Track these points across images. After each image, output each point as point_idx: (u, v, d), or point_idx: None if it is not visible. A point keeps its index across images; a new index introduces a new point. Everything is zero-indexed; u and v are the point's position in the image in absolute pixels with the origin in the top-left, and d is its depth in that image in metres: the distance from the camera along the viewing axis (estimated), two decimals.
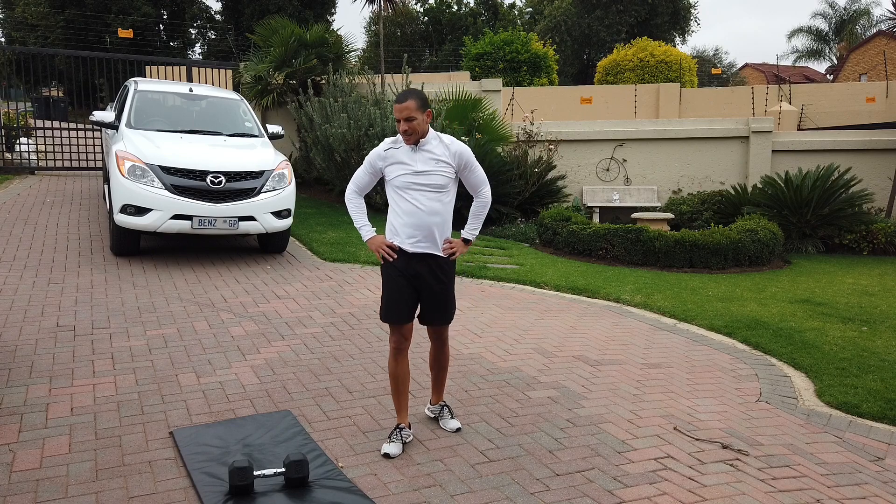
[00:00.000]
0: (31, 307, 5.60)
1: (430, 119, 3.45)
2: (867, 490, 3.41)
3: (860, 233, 10.64)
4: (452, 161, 3.48)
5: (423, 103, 3.40)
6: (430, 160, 3.46)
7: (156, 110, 8.47)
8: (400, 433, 3.53)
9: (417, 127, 3.39)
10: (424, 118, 3.41)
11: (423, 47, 42.24)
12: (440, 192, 3.47)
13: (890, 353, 5.52)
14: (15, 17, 34.03)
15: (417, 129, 3.40)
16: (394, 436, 3.51)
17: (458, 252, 3.56)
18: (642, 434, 3.84)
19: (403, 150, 3.49)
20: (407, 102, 3.36)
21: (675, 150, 12.91)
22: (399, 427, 3.55)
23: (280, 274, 7.09)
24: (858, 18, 39.11)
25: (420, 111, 3.38)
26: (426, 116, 3.42)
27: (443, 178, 3.46)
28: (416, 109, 3.37)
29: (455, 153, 3.48)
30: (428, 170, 3.45)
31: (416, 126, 3.39)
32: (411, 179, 3.45)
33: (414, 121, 3.37)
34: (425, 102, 3.42)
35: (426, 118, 3.42)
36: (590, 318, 6.24)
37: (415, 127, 3.39)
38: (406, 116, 3.37)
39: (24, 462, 3.25)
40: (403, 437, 3.53)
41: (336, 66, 12.71)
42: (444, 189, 3.48)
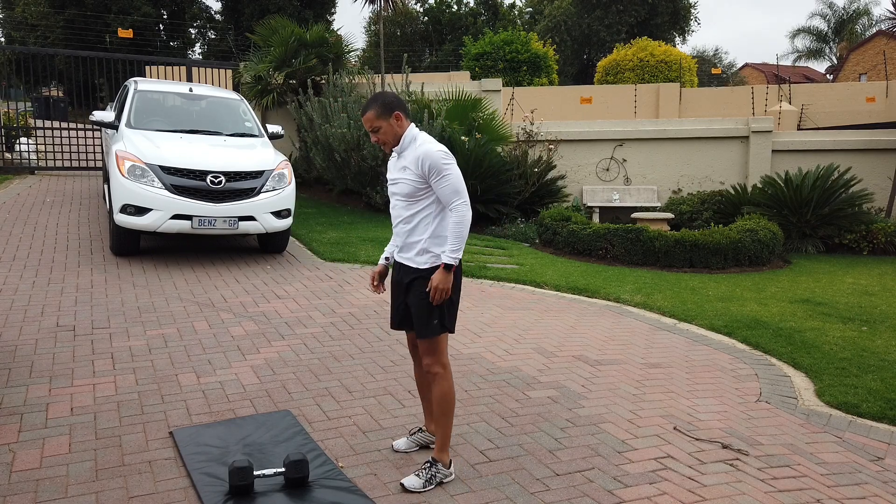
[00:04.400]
0: (31, 307, 5.60)
1: (400, 121, 3.17)
2: (867, 490, 3.41)
3: (860, 233, 10.64)
4: (415, 167, 3.13)
5: (385, 109, 3.15)
6: (399, 167, 3.23)
7: (156, 110, 8.47)
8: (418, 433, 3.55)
9: (385, 136, 3.18)
10: (392, 123, 3.16)
11: (423, 47, 42.24)
12: (410, 200, 3.18)
13: (890, 353, 5.52)
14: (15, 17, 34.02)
15: (387, 137, 3.18)
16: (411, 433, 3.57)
17: (437, 285, 3.10)
18: (642, 434, 3.84)
19: (392, 158, 3.32)
20: (366, 114, 3.17)
21: (675, 149, 12.91)
22: (420, 429, 3.57)
23: (280, 274, 7.09)
24: (858, 18, 39.12)
25: (383, 119, 3.15)
26: (394, 120, 3.16)
27: (408, 186, 3.16)
28: (377, 119, 3.15)
29: (417, 158, 3.12)
30: (395, 178, 3.24)
31: (383, 135, 3.18)
32: (389, 188, 3.31)
33: (378, 130, 3.17)
34: (389, 107, 3.15)
35: (395, 122, 3.16)
36: (590, 318, 6.24)
37: (381, 137, 3.18)
38: (369, 128, 3.19)
39: (24, 462, 3.25)
40: (418, 438, 3.53)
41: (336, 66, 12.71)
42: (415, 198, 3.17)
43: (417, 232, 3.21)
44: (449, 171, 3.10)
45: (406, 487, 3.11)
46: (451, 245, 3.11)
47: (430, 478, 3.14)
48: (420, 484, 3.12)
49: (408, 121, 3.23)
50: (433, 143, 3.17)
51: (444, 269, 3.10)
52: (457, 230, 3.11)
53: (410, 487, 3.11)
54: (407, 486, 3.11)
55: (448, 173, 3.10)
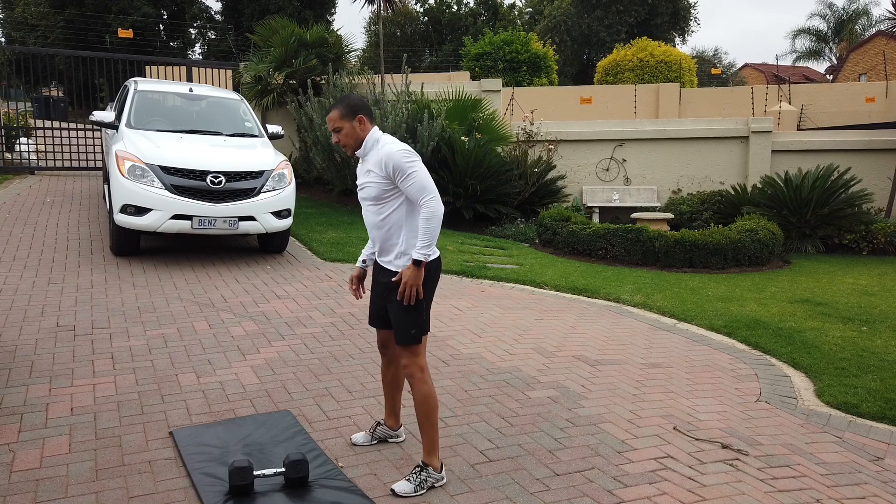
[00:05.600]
0: (31, 307, 5.61)
1: (363, 125, 3.16)
2: (867, 490, 3.42)
3: (860, 233, 10.64)
4: (379, 169, 3.10)
5: (349, 111, 3.13)
6: (364, 171, 3.21)
7: (156, 110, 8.47)
8: (375, 427, 3.60)
9: (346, 138, 3.16)
10: (355, 126, 3.14)
11: (423, 47, 42.24)
12: (379, 203, 3.16)
13: (890, 353, 5.52)
14: (15, 17, 34.02)
15: (348, 139, 3.17)
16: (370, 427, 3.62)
17: (407, 281, 3.06)
18: (642, 434, 3.84)
19: (359, 163, 3.30)
20: (330, 114, 3.16)
21: (675, 150, 12.91)
22: (378, 423, 3.61)
23: (280, 274, 7.09)
24: (858, 18, 39.12)
25: (346, 120, 3.13)
26: (357, 123, 3.14)
27: (374, 188, 3.13)
28: (341, 119, 3.13)
29: (380, 160, 3.09)
30: (362, 182, 3.21)
31: (345, 137, 3.16)
32: (358, 193, 3.29)
33: (341, 131, 3.15)
34: (353, 109, 3.14)
35: (357, 125, 3.14)
36: (589, 318, 6.24)
37: (343, 138, 3.17)
38: (332, 128, 3.17)
39: (24, 462, 3.25)
40: (377, 432, 3.57)
41: (336, 66, 12.71)
42: (382, 201, 3.14)
43: (393, 235, 3.18)
44: (414, 169, 3.05)
45: (397, 493, 3.08)
46: (421, 241, 3.05)
47: (420, 482, 3.12)
48: (411, 489, 3.09)
49: (371, 124, 3.19)
50: (395, 144, 3.13)
51: (413, 266, 3.05)
52: (427, 226, 3.04)
53: (402, 493, 3.08)
54: (398, 491, 3.08)
55: (413, 171, 3.05)
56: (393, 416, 3.57)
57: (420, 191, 3.05)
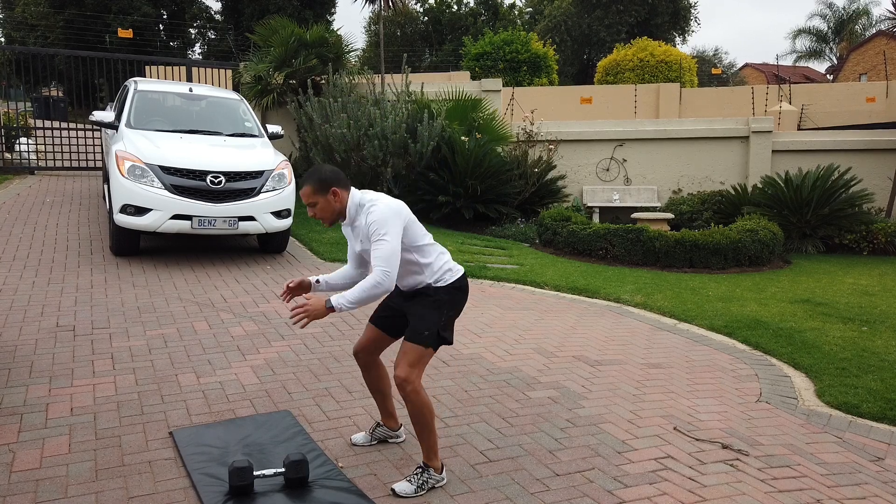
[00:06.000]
0: (31, 307, 5.60)
1: (338, 196, 3.09)
2: (867, 490, 3.41)
3: (860, 233, 10.64)
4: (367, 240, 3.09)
5: (321, 186, 3.06)
6: (361, 238, 3.16)
7: (156, 110, 8.47)
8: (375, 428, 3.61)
9: (322, 212, 3.11)
10: (329, 199, 3.08)
11: (423, 47, 42.25)
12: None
13: (890, 353, 5.52)
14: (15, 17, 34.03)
15: (324, 213, 3.11)
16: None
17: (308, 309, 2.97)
18: (642, 434, 3.84)
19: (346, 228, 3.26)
20: (303, 189, 3.09)
21: (675, 150, 12.91)
22: (378, 424, 3.62)
23: (280, 274, 7.09)
24: (858, 18, 39.12)
25: (320, 194, 3.07)
26: (332, 196, 3.08)
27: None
28: (314, 194, 3.07)
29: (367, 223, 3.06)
30: (365, 248, 3.18)
31: (320, 211, 3.11)
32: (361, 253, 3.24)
33: (315, 206, 3.10)
34: (326, 183, 3.07)
35: (332, 198, 3.08)
36: (590, 318, 6.24)
37: (319, 212, 3.11)
38: (306, 202, 3.11)
39: (23, 462, 3.25)
40: (377, 433, 3.59)
41: (336, 66, 12.70)
42: None
43: (411, 277, 3.20)
44: (385, 241, 2.99)
45: (398, 493, 3.08)
46: (351, 296, 2.97)
47: (422, 483, 3.11)
48: (412, 490, 3.09)
49: (346, 192, 3.12)
50: (378, 207, 3.05)
51: (325, 305, 2.98)
52: (366, 290, 2.97)
53: (402, 493, 3.08)
54: (399, 491, 3.08)
55: (383, 242, 2.99)
56: (391, 418, 3.57)
57: (378, 260, 2.98)
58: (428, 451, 3.16)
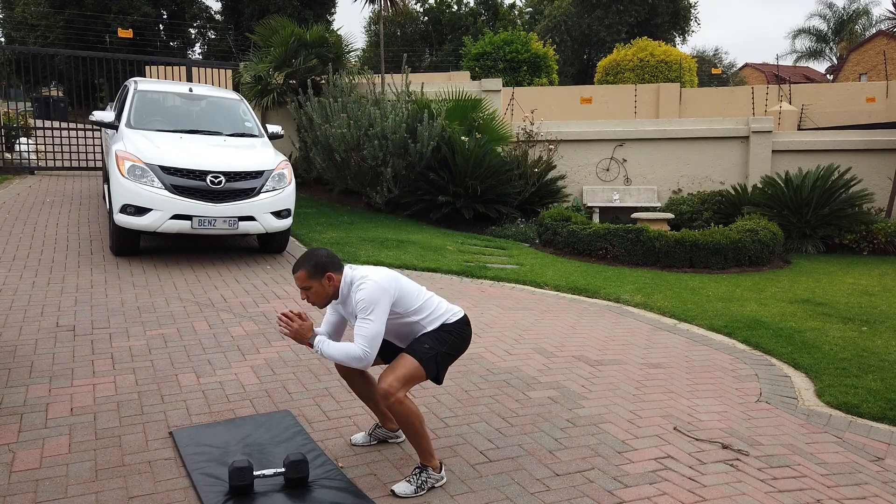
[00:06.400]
0: (31, 307, 5.60)
1: (332, 281, 3.13)
2: (867, 490, 3.41)
3: (860, 233, 10.64)
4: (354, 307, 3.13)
5: (316, 271, 3.10)
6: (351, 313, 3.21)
7: (156, 110, 8.47)
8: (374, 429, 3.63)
9: (315, 297, 3.15)
10: (324, 284, 3.12)
11: (423, 47, 42.26)
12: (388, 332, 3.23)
13: (890, 353, 5.52)
14: (15, 17, 34.03)
15: (317, 298, 3.15)
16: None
17: (295, 328, 3.11)
18: (642, 434, 3.84)
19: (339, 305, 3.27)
20: (297, 273, 3.12)
21: (675, 150, 12.91)
22: (377, 425, 3.64)
23: (280, 274, 7.09)
24: (858, 18, 39.12)
25: (314, 279, 3.10)
26: (326, 281, 3.11)
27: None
28: (309, 279, 3.10)
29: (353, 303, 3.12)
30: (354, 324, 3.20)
31: (314, 296, 3.14)
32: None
33: (310, 289, 3.13)
34: (321, 268, 3.10)
35: (327, 283, 3.12)
36: (590, 318, 6.23)
37: (313, 297, 3.15)
38: (299, 286, 3.15)
39: (23, 462, 3.25)
40: (376, 433, 3.60)
41: (336, 66, 12.70)
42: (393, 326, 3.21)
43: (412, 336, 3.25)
44: (370, 320, 3.03)
45: (397, 494, 3.08)
46: (333, 349, 3.06)
47: (421, 483, 3.11)
48: (412, 490, 3.09)
49: (340, 274, 3.16)
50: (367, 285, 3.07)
51: (308, 339, 3.11)
52: (345, 355, 3.03)
53: (402, 494, 3.08)
54: (398, 492, 3.08)
55: (368, 322, 3.03)
56: (389, 420, 3.56)
57: (361, 339, 3.03)
58: (423, 454, 3.17)
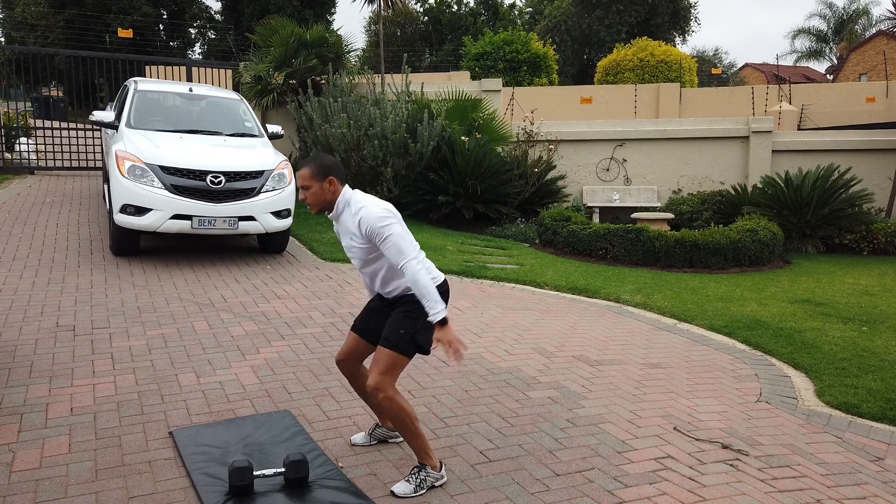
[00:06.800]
0: (30, 307, 5.60)
1: (333, 186, 3.10)
2: (867, 490, 3.41)
3: (860, 233, 10.64)
4: (359, 233, 3.08)
5: (320, 171, 3.08)
6: (345, 234, 3.18)
7: (156, 110, 8.47)
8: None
9: (313, 197, 3.10)
10: (324, 187, 3.09)
11: (423, 47, 42.25)
12: (369, 264, 3.18)
13: (890, 353, 5.52)
14: (15, 16, 34.04)
15: (315, 199, 3.11)
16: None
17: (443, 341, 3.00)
18: (642, 434, 3.84)
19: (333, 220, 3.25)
20: (301, 171, 3.10)
21: (675, 150, 12.91)
22: (377, 425, 3.64)
23: (280, 274, 7.09)
24: (857, 18, 39.12)
25: (316, 179, 3.08)
26: (327, 185, 3.09)
27: (360, 250, 3.14)
28: (311, 178, 3.08)
29: (357, 224, 3.07)
30: (347, 244, 3.20)
31: (311, 196, 3.10)
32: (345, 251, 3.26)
33: (308, 189, 3.09)
34: (325, 170, 3.08)
35: (328, 186, 3.09)
36: (590, 318, 6.23)
37: (310, 197, 3.10)
38: (301, 185, 3.12)
39: (23, 462, 3.25)
40: (376, 433, 3.60)
41: (336, 66, 12.71)
42: (371, 261, 3.16)
43: (392, 281, 3.20)
44: (390, 232, 2.99)
45: (397, 494, 3.07)
46: (425, 305, 2.97)
47: (420, 482, 3.11)
48: (411, 489, 3.09)
49: (341, 186, 3.14)
50: (370, 206, 3.06)
51: (439, 327, 2.99)
52: (418, 290, 2.97)
53: (401, 494, 3.07)
54: (398, 492, 3.08)
55: (389, 234, 2.98)
56: (388, 419, 3.56)
57: (397, 254, 2.99)
58: (419, 453, 3.17)
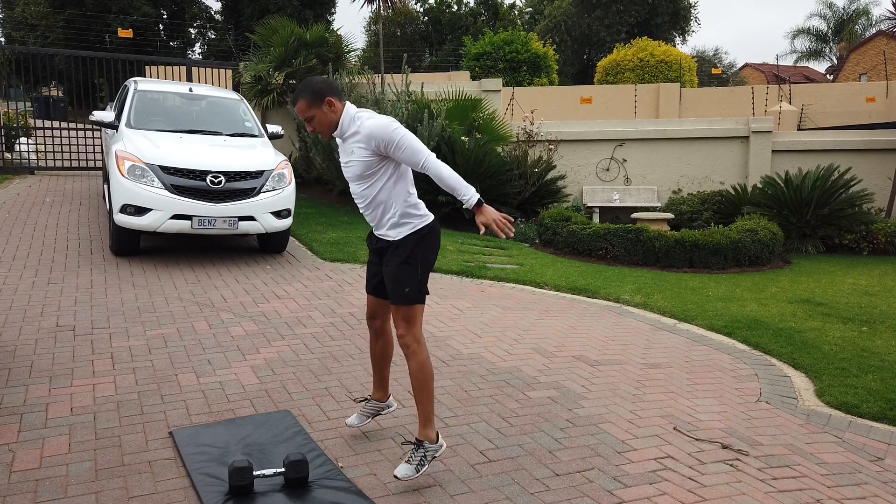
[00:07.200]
0: (30, 307, 5.60)
1: (333, 107, 3.11)
2: (867, 490, 3.41)
3: (860, 233, 10.64)
4: (366, 144, 3.08)
5: (313, 98, 3.08)
6: (349, 149, 3.17)
7: (156, 110, 8.47)
8: (366, 404, 3.64)
9: (320, 125, 3.13)
10: (325, 111, 3.10)
11: (423, 47, 42.25)
12: (366, 180, 3.16)
13: (890, 353, 5.52)
14: (15, 16, 34.03)
15: (322, 126, 3.14)
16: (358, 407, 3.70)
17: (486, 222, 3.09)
18: (642, 434, 3.84)
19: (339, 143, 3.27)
20: (297, 104, 3.11)
21: (675, 150, 12.91)
22: (366, 398, 3.65)
23: (280, 274, 7.09)
24: (857, 18, 39.11)
25: (315, 107, 3.09)
26: (327, 107, 3.10)
27: (360, 165, 3.13)
28: (309, 108, 3.09)
29: (366, 136, 3.07)
30: (347, 160, 3.20)
31: (318, 124, 3.13)
32: (344, 172, 3.27)
33: (313, 119, 3.12)
34: (319, 94, 3.08)
35: (328, 109, 3.10)
36: (590, 318, 6.23)
37: (317, 126, 3.14)
38: (303, 118, 3.13)
39: (23, 462, 3.25)
40: (367, 409, 3.62)
41: (336, 66, 12.71)
42: (369, 177, 3.15)
43: (385, 210, 3.20)
44: (402, 136, 3.04)
45: (400, 478, 3.11)
46: (458, 194, 3.06)
47: (420, 460, 3.14)
48: (413, 470, 3.12)
49: (341, 103, 3.15)
50: (376, 117, 3.09)
51: (476, 209, 3.09)
52: (447, 182, 3.06)
53: (404, 477, 3.11)
54: (400, 476, 3.11)
55: (401, 137, 3.03)
56: (381, 389, 3.60)
57: (414, 154, 3.05)
58: (424, 419, 3.19)
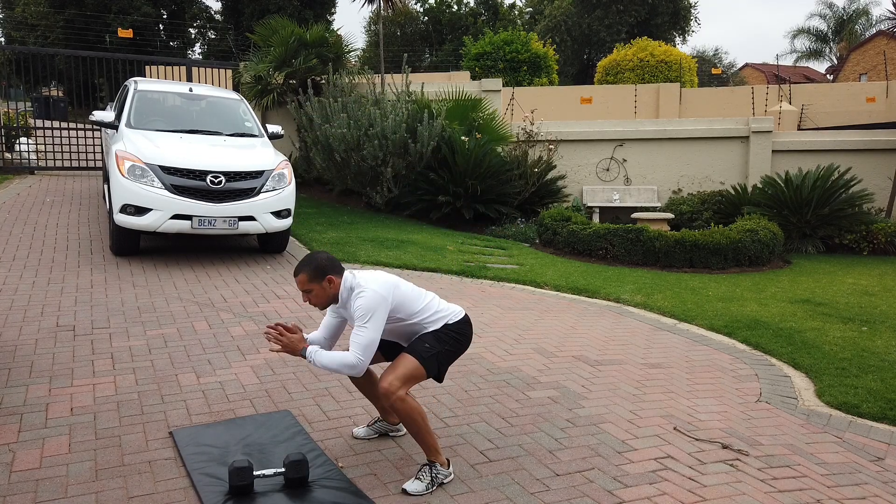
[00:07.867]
0: (31, 307, 5.60)
1: (332, 283, 3.18)
2: (867, 490, 3.41)
3: (860, 233, 10.64)
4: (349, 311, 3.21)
5: (317, 274, 3.15)
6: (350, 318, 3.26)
7: (156, 110, 8.47)
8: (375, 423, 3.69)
9: (317, 299, 3.20)
10: (325, 286, 3.17)
11: (423, 47, 42.25)
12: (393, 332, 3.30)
13: (890, 353, 5.52)
14: (15, 16, 34.04)
15: (319, 300, 3.21)
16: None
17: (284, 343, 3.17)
18: (642, 434, 3.84)
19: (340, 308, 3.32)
20: (298, 277, 3.17)
21: (675, 150, 12.91)
22: (377, 419, 3.70)
23: (280, 274, 7.09)
24: (857, 18, 39.11)
25: (315, 282, 3.16)
26: (327, 283, 3.17)
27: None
28: (309, 282, 3.16)
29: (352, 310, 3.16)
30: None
31: (315, 298, 3.20)
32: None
33: (311, 292, 3.19)
34: (321, 271, 3.15)
35: (327, 285, 3.17)
36: (590, 318, 6.23)
37: (314, 299, 3.21)
38: (301, 289, 3.21)
39: (23, 462, 3.25)
40: (377, 426, 3.65)
41: (336, 66, 12.71)
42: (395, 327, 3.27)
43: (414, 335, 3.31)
44: (366, 329, 3.07)
45: (409, 493, 3.11)
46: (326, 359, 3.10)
47: (431, 480, 3.16)
48: (423, 487, 3.13)
49: (340, 278, 3.20)
50: (367, 294, 3.11)
51: (299, 350, 3.16)
52: (339, 364, 3.09)
53: (414, 492, 3.11)
54: (410, 491, 3.12)
55: (364, 330, 3.07)
56: (390, 415, 3.59)
57: (356, 346, 3.08)
58: (428, 450, 3.20)
